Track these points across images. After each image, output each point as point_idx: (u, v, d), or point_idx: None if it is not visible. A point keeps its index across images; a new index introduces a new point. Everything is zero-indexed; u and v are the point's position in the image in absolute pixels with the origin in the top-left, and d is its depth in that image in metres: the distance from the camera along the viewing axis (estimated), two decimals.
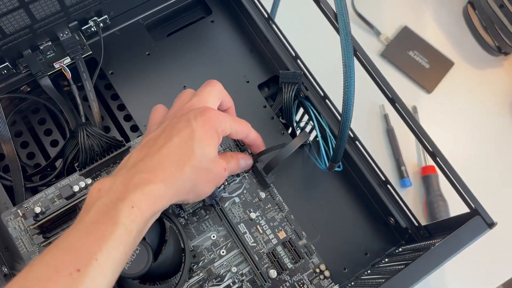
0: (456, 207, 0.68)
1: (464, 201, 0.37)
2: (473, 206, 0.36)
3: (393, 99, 0.40)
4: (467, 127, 0.75)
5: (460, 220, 0.36)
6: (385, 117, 0.73)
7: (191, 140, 0.39)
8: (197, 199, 0.42)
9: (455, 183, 0.37)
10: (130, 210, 0.34)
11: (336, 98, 0.50)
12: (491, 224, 0.34)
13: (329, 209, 0.51)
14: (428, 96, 0.76)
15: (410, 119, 0.40)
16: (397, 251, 0.48)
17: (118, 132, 0.54)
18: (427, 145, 0.39)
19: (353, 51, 0.35)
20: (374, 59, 0.76)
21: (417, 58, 0.77)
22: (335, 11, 0.38)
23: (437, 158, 0.38)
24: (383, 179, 0.47)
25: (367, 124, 0.73)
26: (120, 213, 0.34)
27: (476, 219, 0.34)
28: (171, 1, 0.57)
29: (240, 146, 0.50)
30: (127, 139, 0.54)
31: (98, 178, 0.48)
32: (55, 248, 0.33)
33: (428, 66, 0.77)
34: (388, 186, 0.46)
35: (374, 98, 0.74)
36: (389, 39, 0.78)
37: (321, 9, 0.41)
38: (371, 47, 0.78)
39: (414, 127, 0.40)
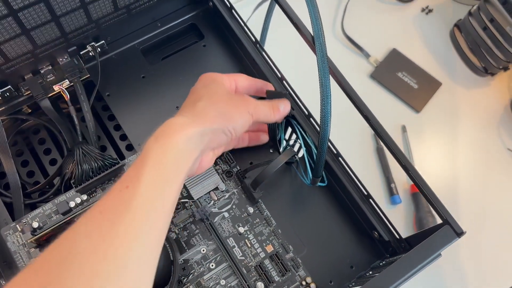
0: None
1: (437, 212, 0.39)
2: (444, 216, 0.38)
3: (368, 117, 0.42)
4: (455, 145, 0.77)
5: (434, 231, 0.38)
6: (375, 136, 0.76)
7: (198, 85, 0.47)
8: (235, 124, 0.43)
9: (427, 195, 0.39)
10: (155, 139, 0.38)
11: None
12: (460, 233, 0.36)
13: (315, 223, 0.52)
14: (416, 116, 0.78)
15: (385, 137, 0.42)
16: (381, 263, 0.50)
17: (114, 151, 0.57)
18: (400, 159, 0.41)
19: (329, 71, 0.38)
20: (363, 80, 0.80)
21: (406, 79, 0.80)
22: (312, 34, 0.41)
23: (410, 172, 0.40)
24: (366, 193, 0.48)
25: (359, 143, 0.76)
26: (148, 144, 0.38)
27: (445, 228, 0.36)
28: (166, 27, 0.60)
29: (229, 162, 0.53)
30: (122, 158, 0.56)
31: (93, 195, 0.50)
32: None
33: (417, 87, 0.79)
34: (371, 200, 0.48)
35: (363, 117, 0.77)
36: (378, 61, 0.80)
37: (300, 33, 0.44)
38: (361, 68, 0.81)
39: (389, 144, 0.42)
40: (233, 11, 0.56)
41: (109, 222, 0.34)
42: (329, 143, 0.51)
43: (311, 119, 0.52)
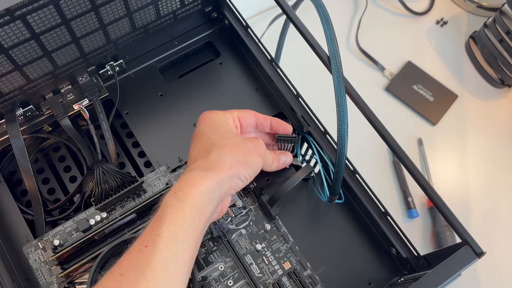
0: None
1: (456, 232, 0.39)
2: (463, 236, 0.38)
3: (384, 136, 0.43)
4: (472, 158, 0.76)
5: (453, 250, 0.38)
6: (391, 150, 0.75)
7: (203, 129, 0.47)
8: (250, 170, 0.44)
9: (446, 215, 0.39)
10: (174, 195, 0.39)
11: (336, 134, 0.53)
12: (480, 254, 0.36)
13: (333, 240, 0.52)
14: (433, 128, 0.78)
15: (401, 155, 0.43)
16: (399, 281, 0.49)
17: (132, 168, 0.58)
18: (419, 180, 0.41)
19: (345, 91, 0.38)
20: (379, 94, 0.80)
21: (421, 92, 0.79)
22: (328, 54, 0.41)
23: (428, 192, 0.40)
24: (383, 210, 0.48)
25: (374, 157, 0.75)
26: (166, 200, 0.39)
27: (465, 249, 0.36)
28: (183, 45, 0.61)
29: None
30: (141, 175, 0.57)
31: (112, 212, 0.51)
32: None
33: (432, 99, 0.79)
34: (388, 217, 0.48)
35: None
36: (393, 74, 0.80)
37: (316, 53, 0.44)
38: (376, 82, 0.81)
39: (406, 163, 0.42)
40: (248, 29, 0.57)
41: (130, 283, 0.35)
42: (346, 161, 0.51)
43: (327, 135, 0.52)
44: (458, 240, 0.69)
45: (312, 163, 0.56)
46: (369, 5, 0.86)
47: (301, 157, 0.57)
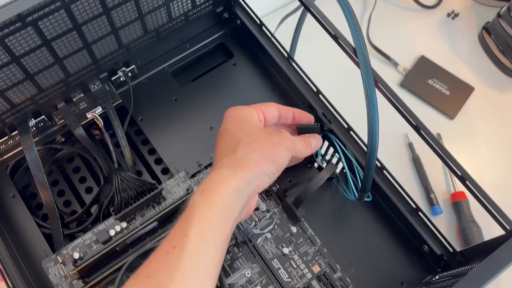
0: (489, 231, 0.67)
1: (499, 223, 0.37)
2: (508, 227, 0.36)
3: (418, 127, 0.41)
4: (493, 150, 0.74)
5: (496, 243, 0.36)
6: (410, 146, 0.74)
7: (228, 125, 0.46)
8: (277, 165, 0.43)
9: (488, 205, 0.37)
10: (201, 194, 0.39)
11: (359, 129, 0.51)
12: None
13: (361, 240, 0.51)
14: (451, 122, 0.76)
15: (436, 145, 0.41)
16: (433, 279, 0.47)
17: (149, 176, 0.56)
18: (456, 170, 0.39)
19: (374, 83, 0.37)
20: (394, 89, 0.78)
21: (437, 86, 0.78)
22: (353, 46, 0.39)
23: (467, 182, 0.38)
24: (414, 206, 0.47)
25: (393, 154, 0.74)
26: (194, 200, 0.38)
27: None
28: (195, 48, 0.59)
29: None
30: (159, 182, 0.55)
31: (132, 222, 0.49)
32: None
33: (449, 93, 0.77)
34: (420, 213, 0.46)
35: (397, 127, 0.75)
36: (407, 69, 0.79)
37: (340, 45, 0.43)
38: (390, 78, 0.79)
39: (441, 153, 0.41)
40: (263, 27, 0.56)
41: (158, 286, 0.34)
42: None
43: (351, 132, 0.50)
44: (486, 236, 0.67)
45: (334, 162, 0.54)
46: (379, 1, 0.84)
47: (321, 157, 0.55)
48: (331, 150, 0.54)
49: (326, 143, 0.54)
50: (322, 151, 0.55)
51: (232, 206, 0.39)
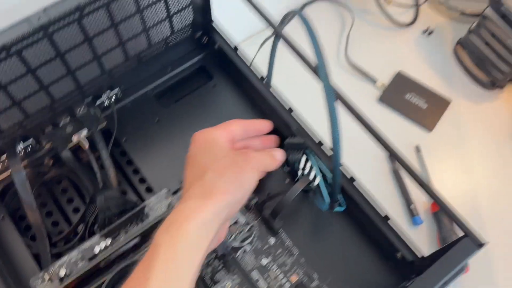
0: None
1: (457, 224, 0.39)
2: (463, 228, 0.38)
3: (379, 138, 0.43)
4: (471, 161, 0.77)
5: (454, 245, 0.38)
6: (390, 159, 0.76)
7: (195, 151, 0.46)
8: (245, 189, 0.43)
9: (445, 208, 0.39)
10: (166, 231, 0.37)
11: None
12: (480, 245, 0.36)
13: (338, 249, 0.53)
14: (429, 135, 0.78)
15: (398, 157, 0.43)
16: (408, 285, 0.49)
17: (134, 194, 0.58)
18: (415, 175, 0.41)
19: (334, 96, 0.39)
20: (373, 105, 0.81)
21: (414, 100, 0.80)
22: (315, 64, 0.42)
23: (425, 188, 0.40)
24: (383, 215, 0.49)
25: (374, 167, 0.76)
26: (158, 237, 0.37)
27: (465, 241, 0.36)
28: (176, 71, 0.62)
29: None
30: (143, 200, 0.57)
31: (117, 238, 0.51)
32: None
33: (426, 106, 0.80)
34: (389, 222, 0.48)
35: (376, 141, 0.77)
36: (385, 85, 0.82)
37: (306, 63, 0.46)
38: (369, 94, 0.82)
39: (403, 163, 0.43)
40: (237, 52, 0.59)
41: None
42: (343, 168, 0.51)
43: (321, 147, 0.53)
44: None
45: (311, 176, 0.56)
46: (356, 20, 0.88)
47: (301, 171, 0.57)
48: (309, 163, 0.56)
49: (305, 156, 0.56)
50: (301, 166, 0.57)
51: (200, 241, 0.38)
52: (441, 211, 0.71)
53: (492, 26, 0.75)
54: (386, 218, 0.48)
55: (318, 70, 0.40)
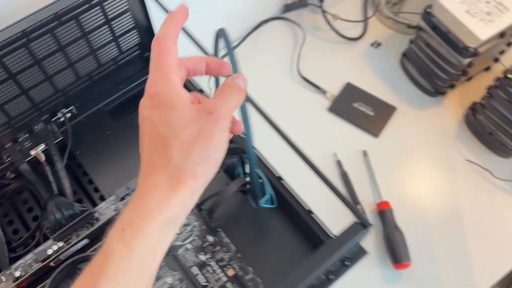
0: (413, 236, 0.73)
1: (350, 210, 0.44)
2: (353, 212, 0.43)
3: (287, 140, 0.48)
4: (416, 163, 0.81)
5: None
6: (339, 163, 0.81)
7: (154, 127, 0.35)
8: (216, 162, 0.35)
9: (338, 194, 0.44)
10: (121, 234, 0.31)
11: (269, 147, 0.58)
12: (366, 226, 0.40)
13: (272, 243, 0.57)
14: (376, 140, 0.84)
15: (303, 156, 0.48)
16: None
17: (90, 203, 0.63)
18: (316, 169, 0.46)
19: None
20: (323, 115, 0.86)
21: (362, 108, 0.86)
22: None
23: (318, 175, 0.45)
24: (307, 209, 0.53)
25: (324, 170, 0.80)
26: (110, 241, 0.31)
27: (354, 224, 0.41)
28: (127, 88, 0.68)
29: None
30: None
31: (70, 242, 0.56)
32: None
33: (373, 114, 0.85)
34: (312, 215, 0.53)
35: (327, 147, 0.82)
36: (335, 95, 0.87)
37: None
38: (320, 104, 0.87)
39: (308, 161, 0.47)
40: None
41: None
42: (272, 168, 0.56)
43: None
44: (409, 240, 0.73)
45: (248, 178, 0.61)
46: (308, 37, 0.94)
47: (243, 174, 0.62)
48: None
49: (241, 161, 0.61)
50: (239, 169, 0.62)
51: (162, 242, 0.32)
52: (385, 210, 0.76)
53: (426, 37, 0.80)
54: (309, 211, 0.53)
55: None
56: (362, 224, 0.41)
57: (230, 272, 0.55)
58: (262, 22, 0.95)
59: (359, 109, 0.86)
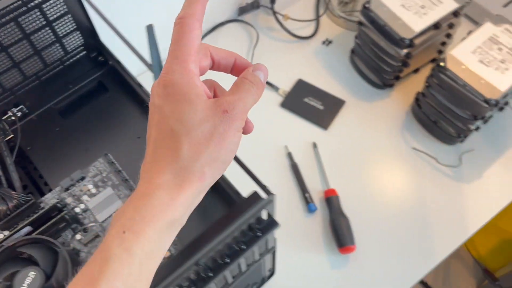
0: (359, 221, 0.76)
1: (254, 181, 0.47)
2: (257, 182, 0.46)
3: None
4: (365, 152, 0.85)
5: None
6: (289, 155, 0.84)
7: (164, 119, 0.32)
8: (226, 164, 0.33)
9: (243, 165, 0.47)
10: (121, 238, 0.30)
11: None
12: (269, 195, 0.44)
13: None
14: (325, 132, 0.87)
15: None
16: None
17: (40, 196, 0.66)
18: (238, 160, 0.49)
19: None
20: (276, 110, 0.90)
21: (312, 103, 0.89)
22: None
23: (237, 162, 0.48)
24: (236, 190, 0.56)
25: (275, 162, 0.84)
26: (109, 245, 0.30)
27: (253, 193, 0.44)
28: (77, 87, 0.71)
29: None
30: None
31: (13, 229, 0.59)
32: None
33: (323, 108, 0.89)
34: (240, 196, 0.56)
35: (278, 140, 0.86)
36: (286, 91, 0.91)
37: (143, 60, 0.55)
38: (272, 100, 0.91)
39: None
40: (121, 65, 0.68)
41: None
42: None
43: None
44: (354, 225, 0.76)
45: None
46: (262, 37, 0.98)
47: None
48: None
49: None
50: None
51: (162, 245, 0.31)
52: (332, 197, 0.79)
53: (368, 31, 0.84)
54: (238, 192, 0.56)
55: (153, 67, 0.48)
56: (266, 193, 0.44)
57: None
58: (218, 24, 0.99)
59: (309, 103, 0.89)
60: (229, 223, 0.42)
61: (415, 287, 0.75)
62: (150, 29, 0.51)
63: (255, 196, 0.43)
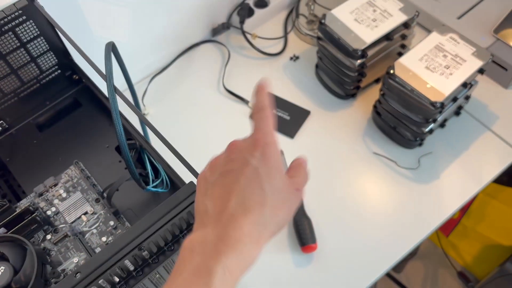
0: (321, 221, 0.80)
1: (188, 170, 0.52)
2: (192, 172, 0.51)
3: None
4: (328, 159, 0.90)
5: None
6: None
7: (258, 177, 0.39)
8: (280, 230, 0.40)
9: (177, 155, 0.52)
10: (223, 275, 0.34)
11: None
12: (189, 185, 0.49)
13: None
14: (291, 141, 0.92)
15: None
16: None
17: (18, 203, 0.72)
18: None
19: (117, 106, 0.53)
20: (245, 122, 0.95)
21: (279, 114, 0.95)
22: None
23: (178, 158, 0.54)
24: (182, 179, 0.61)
25: None
26: (213, 278, 0.34)
27: (189, 183, 0.49)
28: (53, 103, 0.78)
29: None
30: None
31: None
32: None
33: (289, 118, 0.94)
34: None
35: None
36: None
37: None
38: (242, 113, 0.97)
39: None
40: (97, 85, 0.74)
41: None
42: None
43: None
44: (317, 226, 0.80)
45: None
46: (234, 55, 1.04)
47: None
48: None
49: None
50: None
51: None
52: None
53: (326, 45, 0.90)
54: (183, 182, 0.61)
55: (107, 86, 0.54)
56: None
57: None
58: (194, 45, 1.06)
59: (277, 114, 0.95)
60: (166, 211, 0.47)
61: None
62: (108, 47, 0.57)
63: (192, 185, 0.48)
